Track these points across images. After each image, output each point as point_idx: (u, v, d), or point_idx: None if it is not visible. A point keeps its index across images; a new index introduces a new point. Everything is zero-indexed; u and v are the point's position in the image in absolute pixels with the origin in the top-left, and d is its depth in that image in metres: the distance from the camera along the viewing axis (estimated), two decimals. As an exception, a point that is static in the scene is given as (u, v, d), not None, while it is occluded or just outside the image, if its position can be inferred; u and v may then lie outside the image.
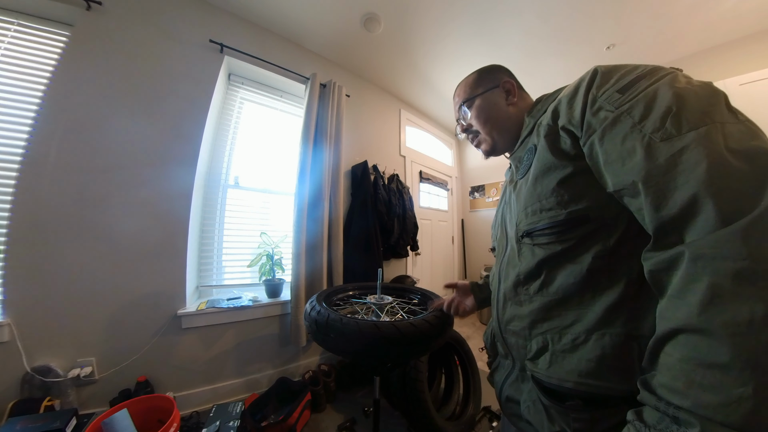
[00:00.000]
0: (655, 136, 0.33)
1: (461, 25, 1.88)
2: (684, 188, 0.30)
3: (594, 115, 0.39)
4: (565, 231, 0.44)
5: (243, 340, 1.62)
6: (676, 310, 0.30)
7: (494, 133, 0.63)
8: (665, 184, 0.31)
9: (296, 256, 1.73)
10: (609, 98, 0.38)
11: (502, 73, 0.66)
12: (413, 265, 2.83)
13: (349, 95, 2.29)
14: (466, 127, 0.69)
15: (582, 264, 0.43)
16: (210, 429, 1.21)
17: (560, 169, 0.45)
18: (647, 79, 0.37)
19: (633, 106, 0.36)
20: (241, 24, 1.83)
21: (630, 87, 0.37)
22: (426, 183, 3.12)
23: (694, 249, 0.29)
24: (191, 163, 1.53)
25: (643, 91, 0.36)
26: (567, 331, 0.45)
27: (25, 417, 0.97)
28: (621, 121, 0.36)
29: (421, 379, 1.28)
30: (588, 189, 0.42)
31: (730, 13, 1.73)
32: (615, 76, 0.40)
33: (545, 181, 0.46)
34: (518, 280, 0.52)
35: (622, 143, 0.35)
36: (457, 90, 0.70)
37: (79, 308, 1.22)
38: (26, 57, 1.27)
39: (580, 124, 0.41)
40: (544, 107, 0.54)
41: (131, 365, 1.29)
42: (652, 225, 0.33)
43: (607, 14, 1.78)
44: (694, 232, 0.29)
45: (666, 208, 0.31)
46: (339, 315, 0.81)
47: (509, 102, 0.62)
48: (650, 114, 0.34)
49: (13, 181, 1.15)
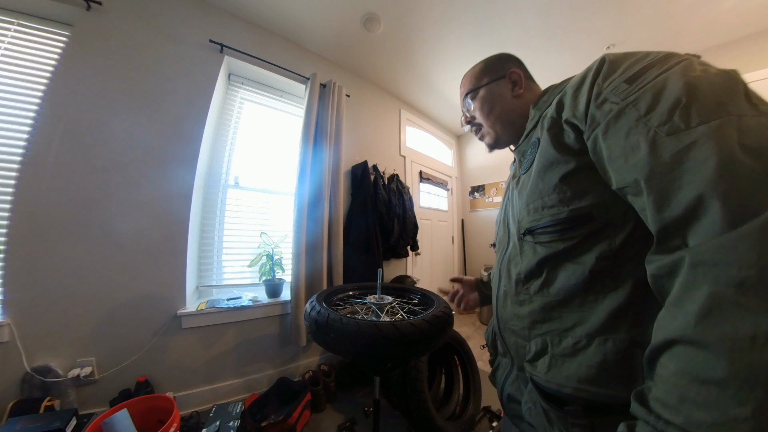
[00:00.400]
0: (661, 129, 0.30)
1: (461, 25, 1.88)
2: (689, 187, 0.27)
3: (598, 108, 0.37)
4: (568, 229, 0.42)
5: (243, 340, 1.62)
6: (672, 320, 0.28)
7: (497, 126, 0.61)
8: (670, 182, 0.29)
9: (296, 256, 1.73)
10: (615, 89, 0.36)
11: (510, 62, 0.63)
12: (413, 265, 2.83)
13: (349, 95, 2.29)
14: (469, 119, 0.67)
15: (584, 264, 0.41)
16: (210, 429, 1.21)
17: (563, 165, 0.42)
18: (658, 67, 0.34)
19: (639, 97, 0.33)
20: (241, 24, 1.83)
21: (638, 77, 0.35)
22: (426, 183, 3.12)
23: (695, 254, 0.27)
24: (191, 163, 1.53)
25: (652, 81, 0.33)
26: (567, 334, 0.43)
27: (25, 417, 0.97)
28: (626, 113, 0.34)
29: (421, 379, 1.28)
30: (592, 185, 0.40)
31: (731, 12, 1.73)
32: (623, 65, 0.37)
33: (547, 177, 0.44)
34: (519, 279, 0.51)
35: (626, 138, 0.33)
36: (463, 80, 0.67)
37: (79, 308, 1.22)
38: (26, 57, 1.27)
39: (584, 117, 0.39)
40: (550, 99, 0.51)
41: (131, 365, 1.29)
42: (655, 227, 0.31)
43: (607, 14, 1.77)
44: (697, 236, 0.27)
45: (669, 209, 0.29)
46: (339, 315, 0.81)
47: (515, 93, 0.60)
48: (657, 106, 0.31)
49: (13, 181, 1.15)
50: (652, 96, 0.32)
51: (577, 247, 0.42)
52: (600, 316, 0.40)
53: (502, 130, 0.61)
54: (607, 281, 0.40)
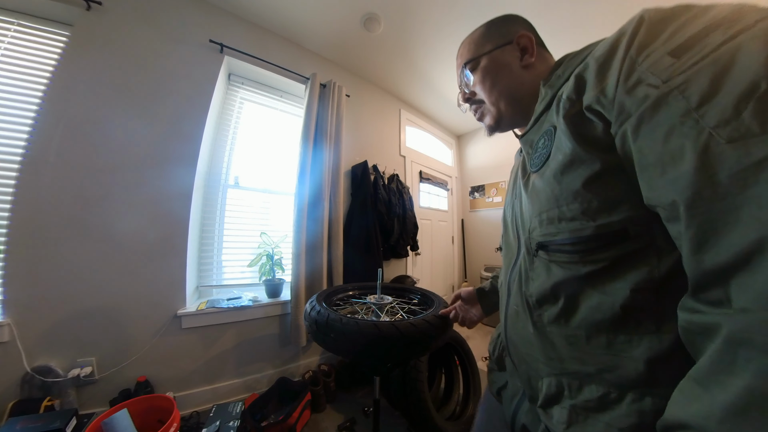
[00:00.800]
0: (720, 132, 0.20)
1: (462, 26, 1.88)
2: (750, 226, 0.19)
3: (629, 93, 0.26)
4: (593, 250, 0.32)
5: (243, 340, 1.62)
6: (694, 400, 0.21)
7: (501, 103, 0.49)
8: (722, 214, 0.20)
9: (296, 256, 1.73)
10: (655, 65, 0.25)
11: (518, 24, 0.51)
12: (413, 265, 2.83)
13: (349, 95, 2.29)
14: (468, 96, 0.54)
15: (614, 297, 0.31)
16: (210, 429, 1.21)
17: (587, 165, 0.32)
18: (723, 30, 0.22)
19: (690, 79, 0.23)
20: (241, 24, 1.83)
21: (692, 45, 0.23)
22: (426, 183, 3.12)
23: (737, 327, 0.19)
24: (191, 163, 1.53)
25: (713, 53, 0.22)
26: (590, 380, 0.33)
27: (25, 417, 0.97)
28: (669, 103, 0.23)
29: (421, 379, 1.28)
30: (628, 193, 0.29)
31: (730, 13, 1.73)
32: (670, 28, 0.26)
33: (566, 181, 0.34)
34: (530, 301, 0.41)
35: (665, 140, 0.23)
36: (460, 48, 0.55)
37: (79, 308, 1.22)
38: (26, 57, 1.27)
39: (612, 103, 0.28)
40: (566, 73, 0.38)
41: (131, 365, 1.29)
42: (690, 269, 0.23)
43: (607, 14, 1.77)
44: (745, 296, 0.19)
45: (714, 252, 0.21)
46: (339, 315, 0.81)
47: (525, 63, 0.47)
48: (717, 94, 0.21)
49: (13, 181, 1.15)
50: (711, 78, 0.22)
51: (606, 272, 0.32)
52: (637, 363, 0.30)
53: (506, 107, 0.49)
54: (644, 320, 0.30)
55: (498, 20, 0.52)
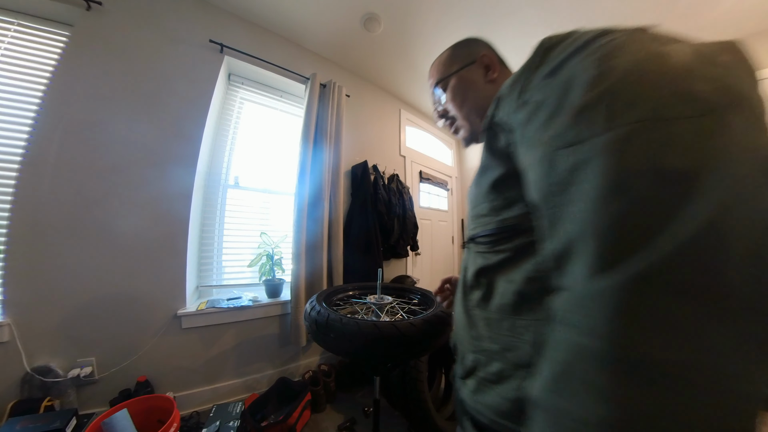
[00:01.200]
0: (557, 140, 0.25)
1: (462, 26, 1.88)
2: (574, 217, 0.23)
3: (518, 109, 0.31)
4: (498, 241, 0.38)
5: (243, 340, 1.62)
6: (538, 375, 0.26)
7: (472, 117, 0.54)
8: (559, 208, 0.25)
9: (296, 256, 1.73)
10: (537, 85, 0.30)
11: (480, 46, 0.57)
12: (413, 265, 2.83)
13: (349, 95, 2.29)
14: (442, 113, 0.60)
15: (515, 285, 0.36)
16: (210, 429, 1.21)
17: (493, 170, 0.38)
18: (580, 53, 0.26)
19: (548, 96, 0.27)
20: (241, 24, 1.83)
21: (560, 67, 0.28)
22: (426, 183, 3.11)
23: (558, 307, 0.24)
24: (191, 163, 1.53)
25: (567, 73, 0.27)
26: (496, 358, 0.38)
27: (25, 417, 0.97)
28: (536, 117, 0.28)
29: (421, 379, 1.28)
30: (521, 194, 0.35)
31: (729, 13, 1.73)
32: (556, 50, 0.29)
33: (482, 183, 0.41)
34: (465, 286, 0.46)
35: (531, 148, 0.29)
36: (430, 70, 0.60)
37: (79, 308, 1.22)
38: (26, 57, 1.27)
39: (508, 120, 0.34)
40: None
41: (131, 365, 1.29)
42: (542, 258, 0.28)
43: (607, 15, 1.78)
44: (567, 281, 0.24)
45: (552, 240, 0.25)
46: (339, 315, 0.81)
47: (488, 78, 0.53)
48: (561, 108, 0.25)
49: (13, 181, 1.15)
50: (558, 95, 0.26)
51: (509, 262, 0.37)
52: (527, 346, 0.34)
53: (476, 120, 0.54)
54: (535, 307, 0.34)
55: (461, 43, 0.58)
